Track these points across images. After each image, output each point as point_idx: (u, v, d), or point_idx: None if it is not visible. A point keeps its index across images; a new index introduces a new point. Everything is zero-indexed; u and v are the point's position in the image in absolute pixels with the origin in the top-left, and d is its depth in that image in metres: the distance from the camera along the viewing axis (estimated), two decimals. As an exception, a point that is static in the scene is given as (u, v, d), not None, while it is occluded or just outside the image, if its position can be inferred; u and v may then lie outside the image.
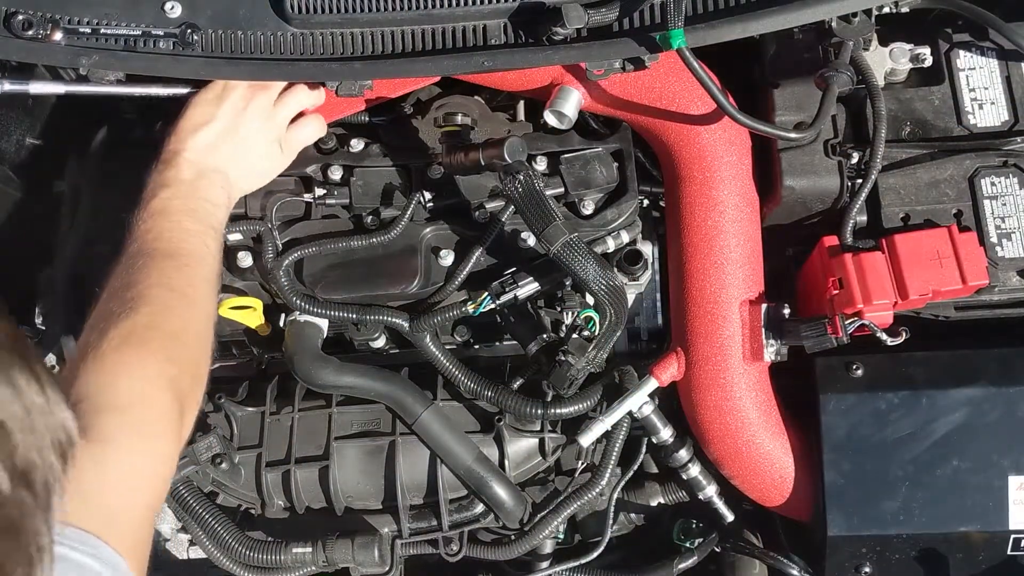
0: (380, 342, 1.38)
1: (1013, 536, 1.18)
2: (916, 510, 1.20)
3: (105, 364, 0.94)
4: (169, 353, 0.99)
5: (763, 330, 1.26)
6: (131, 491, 0.87)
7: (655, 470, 1.45)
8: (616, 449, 1.31)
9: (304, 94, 1.29)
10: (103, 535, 0.77)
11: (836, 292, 1.23)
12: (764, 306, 1.27)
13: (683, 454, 1.33)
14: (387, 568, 1.31)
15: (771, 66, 1.34)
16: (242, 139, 1.23)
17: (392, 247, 1.32)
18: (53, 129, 1.53)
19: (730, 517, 1.37)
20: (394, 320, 1.31)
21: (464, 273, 1.29)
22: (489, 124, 1.39)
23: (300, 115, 1.31)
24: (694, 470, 1.34)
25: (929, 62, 1.33)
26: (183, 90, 1.27)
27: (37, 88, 1.27)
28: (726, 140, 1.30)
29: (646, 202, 1.43)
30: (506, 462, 1.32)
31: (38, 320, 1.45)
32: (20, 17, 1.20)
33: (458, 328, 1.37)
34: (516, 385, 1.31)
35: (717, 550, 1.37)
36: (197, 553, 1.39)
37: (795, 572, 1.29)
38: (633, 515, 1.43)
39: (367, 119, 1.42)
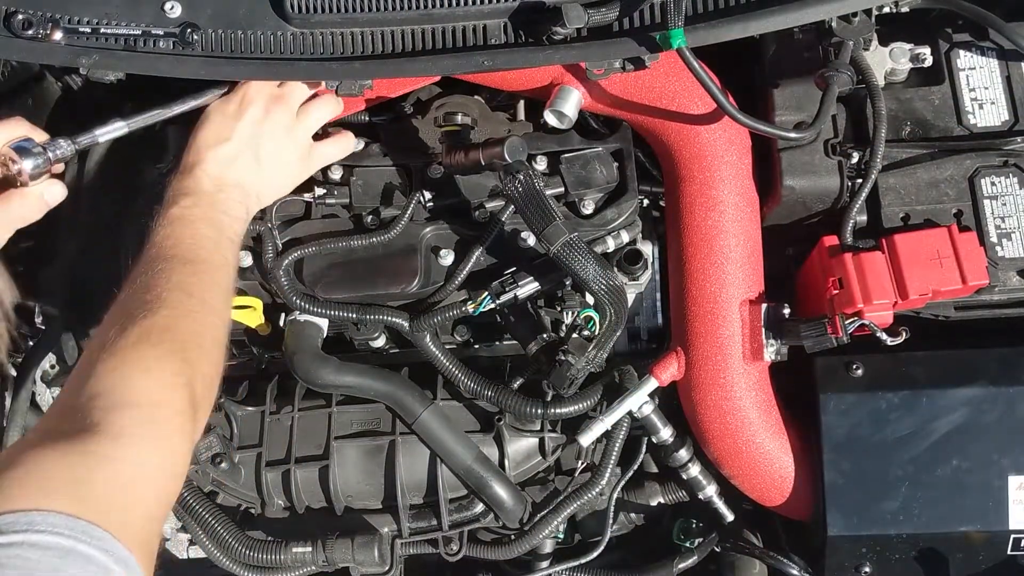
0: (380, 342, 1.38)
1: (1013, 536, 1.18)
2: (916, 510, 1.20)
3: (122, 361, 0.94)
4: (186, 355, 0.99)
5: (763, 330, 1.26)
6: (143, 487, 0.86)
7: (655, 470, 1.45)
8: (616, 449, 1.31)
9: (325, 108, 1.28)
10: (115, 531, 0.77)
11: (836, 292, 1.23)
12: (764, 306, 1.27)
13: (683, 454, 1.33)
14: (387, 568, 1.31)
15: (771, 66, 1.34)
16: (261, 157, 1.22)
17: (392, 247, 1.32)
18: (53, 129, 1.53)
19: (730, 517, 1.37)
20: (394, 320, 1.31)
21: (464, 273, 1.29)
22: (489, 124, 1.39)
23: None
24: (694, 470, 1.34)
25: (929, 62, 1.33)
26: (217, 91, 1.26)
27: (104, 135, 1.24)
28: (726, 140, 1.30)
29: (646, 202, 1.43)
30: (506, 462, 1.32)
31: (38, 320, 1.46)
32: (20, 17, 1.20)
33: (458, 328, 1.37)
34: (516, 385, 1.31)
35: (717, 550, 1.38)
36: (197, 553, 1.40)
37: (795, 572, 1.29)
38: (633, 515, 1.43)
39: (367, 119, 1.42)
